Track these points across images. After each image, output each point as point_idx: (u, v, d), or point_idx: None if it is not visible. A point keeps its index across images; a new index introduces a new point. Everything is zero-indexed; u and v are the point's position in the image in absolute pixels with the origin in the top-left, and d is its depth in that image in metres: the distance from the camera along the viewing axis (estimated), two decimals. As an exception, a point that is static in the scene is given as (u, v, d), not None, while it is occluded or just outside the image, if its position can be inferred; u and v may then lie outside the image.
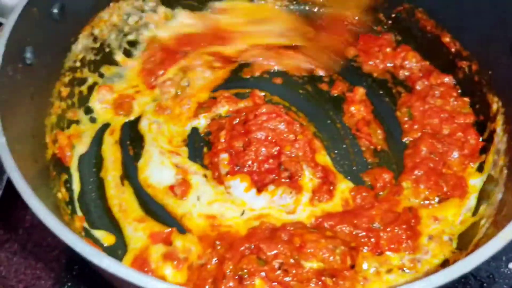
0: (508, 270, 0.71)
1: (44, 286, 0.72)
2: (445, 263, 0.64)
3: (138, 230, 0.68)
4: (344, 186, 0.71)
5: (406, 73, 0.82)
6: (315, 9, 0.91)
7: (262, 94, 0.82)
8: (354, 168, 0.74)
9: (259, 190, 0.71)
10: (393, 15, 0.86)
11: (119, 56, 0.85)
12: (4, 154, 0.49)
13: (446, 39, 0.79)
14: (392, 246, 0.64)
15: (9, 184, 0.72)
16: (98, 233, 0.69)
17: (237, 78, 0.85)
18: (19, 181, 0.48)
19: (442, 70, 0.80)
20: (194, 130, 0.79)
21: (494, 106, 0.71)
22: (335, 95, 0.82)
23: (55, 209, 0.56)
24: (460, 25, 0.76)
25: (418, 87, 0.79)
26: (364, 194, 0.70)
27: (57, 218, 0.46)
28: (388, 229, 0.65)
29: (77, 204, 0.71)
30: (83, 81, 0.79)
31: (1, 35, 0.59)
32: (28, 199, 0.47)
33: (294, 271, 0.60)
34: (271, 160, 0.73)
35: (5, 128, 0.52)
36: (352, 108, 0.79)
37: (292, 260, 0.61)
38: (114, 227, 0.69)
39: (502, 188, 0.63)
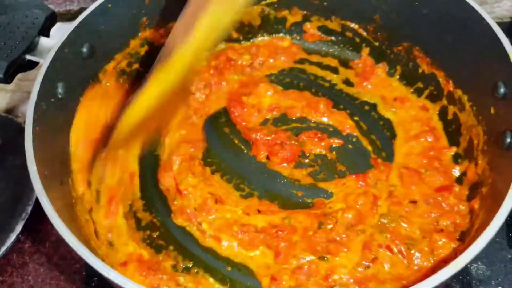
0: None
1: (66, 296, 0.78)
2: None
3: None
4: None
5: None
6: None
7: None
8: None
9: None
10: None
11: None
12: (35, 180, 0.57)
13: (441, 77, 0.84)
14: None
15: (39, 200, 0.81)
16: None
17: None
18: (46, 204, 0.56)
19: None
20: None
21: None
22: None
23: (74, 225, 0.63)
24: (453, 64, 0.81)
25: None
26: None
27: (74, 235, 0.53)
28: None
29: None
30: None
31: (38, 74, 0.68)
32: (52, 218, 0.55)
33: None
34: None
35: (36, 157, 0.60)
36: None
37: None
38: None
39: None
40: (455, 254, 0.67)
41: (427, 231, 0.71)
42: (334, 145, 0.84)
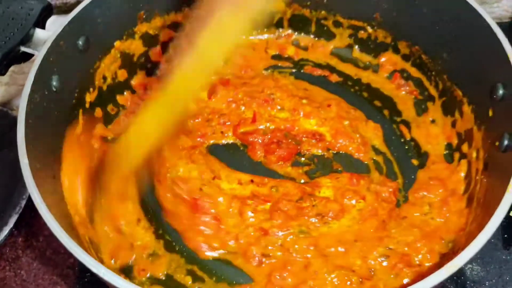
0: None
1: (59, 291, 0.78)
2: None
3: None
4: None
5: None
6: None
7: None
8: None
9: None
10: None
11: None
12: (26, 174, 0.56)
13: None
14: None
15: (32, 195, 0.81)
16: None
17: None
18: (37, 198, 0.55)
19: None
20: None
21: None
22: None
23: (66, 221, 0.62)
24: (452, 64, 0.80)
25: None
26: None
27: (65, 231, 0.53)
28: None
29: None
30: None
31: (32, 66, 0.67)
32: (43, 213, 0.54)
33: None
34: None
35: (28, 150, 0.59)
36: None
37: None
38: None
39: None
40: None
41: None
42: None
